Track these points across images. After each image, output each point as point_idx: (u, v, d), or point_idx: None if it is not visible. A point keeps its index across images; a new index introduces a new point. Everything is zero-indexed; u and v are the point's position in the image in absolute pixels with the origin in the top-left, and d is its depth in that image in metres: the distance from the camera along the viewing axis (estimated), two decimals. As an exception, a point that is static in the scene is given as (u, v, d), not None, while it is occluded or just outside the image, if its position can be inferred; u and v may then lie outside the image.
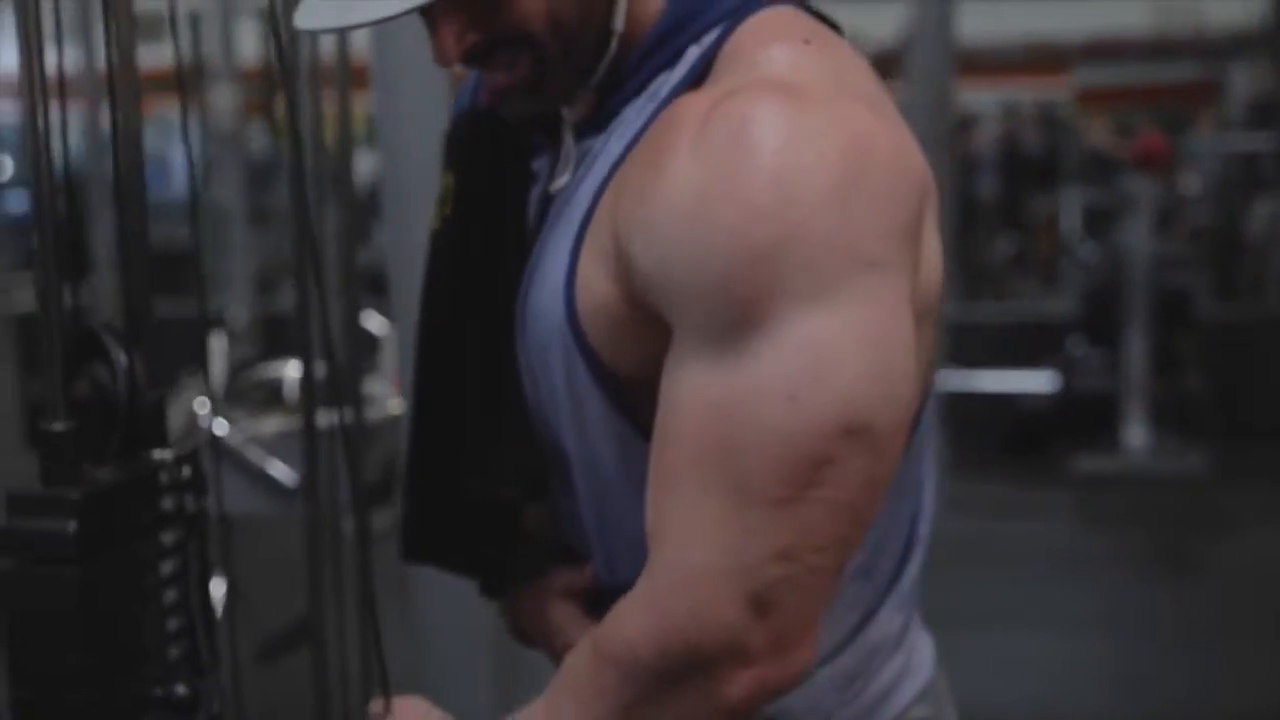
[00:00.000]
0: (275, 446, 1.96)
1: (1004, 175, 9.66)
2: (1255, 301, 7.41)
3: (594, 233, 1.00)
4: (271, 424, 2.12)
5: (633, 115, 1.03)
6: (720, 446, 0.91)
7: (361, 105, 2.67)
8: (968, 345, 6.30)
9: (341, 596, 2.05)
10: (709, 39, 1.02)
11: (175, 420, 2.09)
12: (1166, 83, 11.69)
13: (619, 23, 1.03)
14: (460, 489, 1.13)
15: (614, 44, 1.04)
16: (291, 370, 2.17)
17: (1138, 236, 5.99)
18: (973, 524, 5.34)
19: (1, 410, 4.03)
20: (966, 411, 6.11)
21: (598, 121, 1.06)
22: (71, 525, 1.19)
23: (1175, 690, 3.77)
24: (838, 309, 0.90)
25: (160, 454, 1.30)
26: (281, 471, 1.98)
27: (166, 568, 1.30)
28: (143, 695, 1.30)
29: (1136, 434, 5.95)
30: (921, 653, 1.18)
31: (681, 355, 0.94)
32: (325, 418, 1.94)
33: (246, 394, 2.26)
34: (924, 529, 1.16)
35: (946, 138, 6.54)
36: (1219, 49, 10.51)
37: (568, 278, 1.01)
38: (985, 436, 6.20)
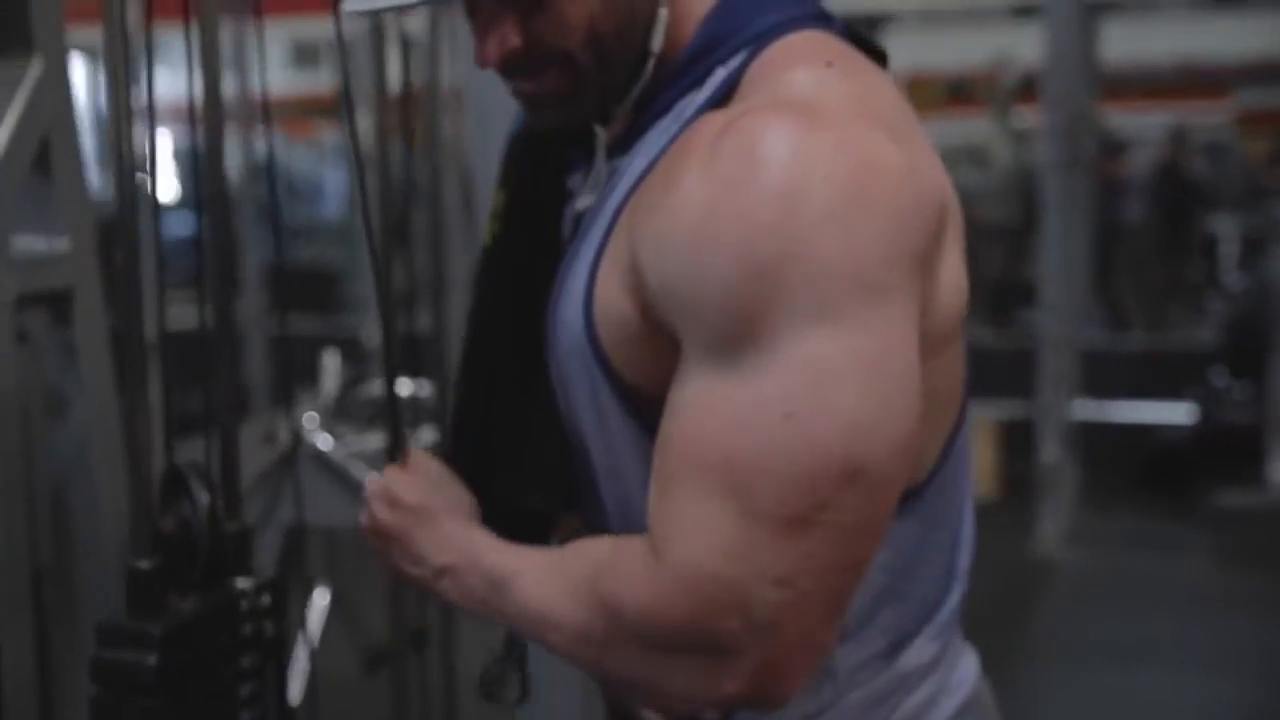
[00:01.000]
0: (378, 461, 2.03)
1: (1159, 201, 9.42)
2: None
3: (612, 247, 1.02)
4: (376, 440, 2.21)
5: (657, 135, 1.05)
6: (721, 456, 0.92)
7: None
8: (1105, 374, 6.17)
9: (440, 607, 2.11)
10: (736, 61, 1.03)
11: (284, 435, 2.19)
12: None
13: (656, 44, 1.06)
14: (491, 496, 1.16)
15: (650, 65, 1.06)
16: (399, 388, 2.26)
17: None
18: (1105, 558, 5.23)
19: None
20: (1101, 442, 5.97)
21: (626, 141, 1.08)
22: (152, 659, 1.27)
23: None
24: (838, 332, 0.90)
25: (242, 583, 1.39)
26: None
27: (245, 690, 1.38)
28: None
29: (1280, 469, 5.77)
30: (961, 670, 1.16)
31: (687, 366, 0.95)
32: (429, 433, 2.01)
33: (357, 411, 2.35)
34: (964, 560, 1.15)
35: (1088, 162, 6.44)
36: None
37: (587, 291, 1.03)
38: (1121, 469, 6.06)
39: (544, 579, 1.04)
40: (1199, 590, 4.93)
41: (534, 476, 1.15)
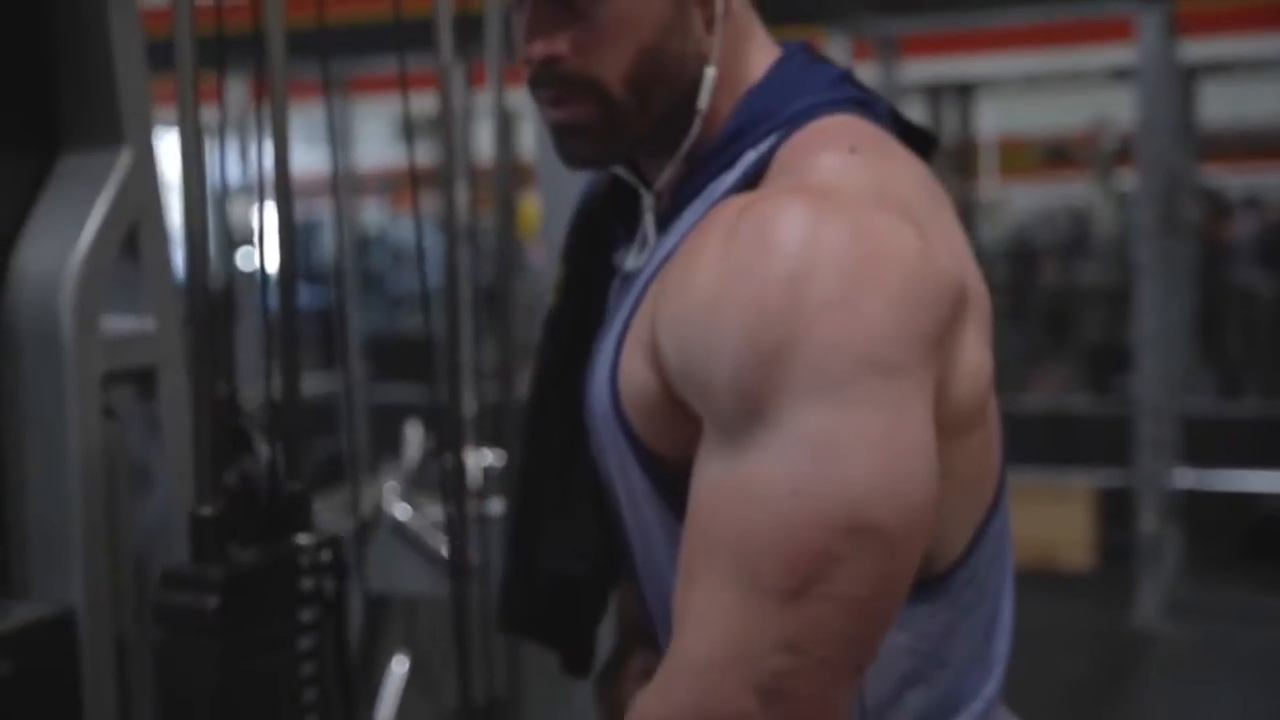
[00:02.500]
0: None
1: (1269, 263, 9.20)
2: None
3: (638, 322, 1.04)
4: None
5: (690, 214, 1.07)
6: (729, 538, 0.93)
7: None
8: (1209, 442, 6.04)
9: (521, 674, 2.14)
10: (766, 145, 1.05)
11: (366, 505, 2.25)
12: None
13: (704, 102, 1.07)
14: (535, 564, 1.18)
15: (698, 123, 1.08)
16: (477, 459, 2.30)
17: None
18: (1207, 630, 5.10)
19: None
20: (1204, 512, 5.84)
21: (665, 218, 1.10)
22: (214, 601, 1.31)
23: None
24: (843, 407, 0.91)
25: (302, 539, 1.42)
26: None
27: (304, 643, 1.40)
28: None
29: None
30: None
31: (704, 448, 0.97)
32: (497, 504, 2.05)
33: (438, 480, 2.40)
34: (1002, 649, 1.13)
35: (1187, 225, 6.36)
36: None
37: (614, 364, 1.05)
38: (1224, 538, 5.91)
39: None
40: (1307, 666, 4.81)
41: (576, 544, 1.17)
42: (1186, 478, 5.75)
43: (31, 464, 1.48)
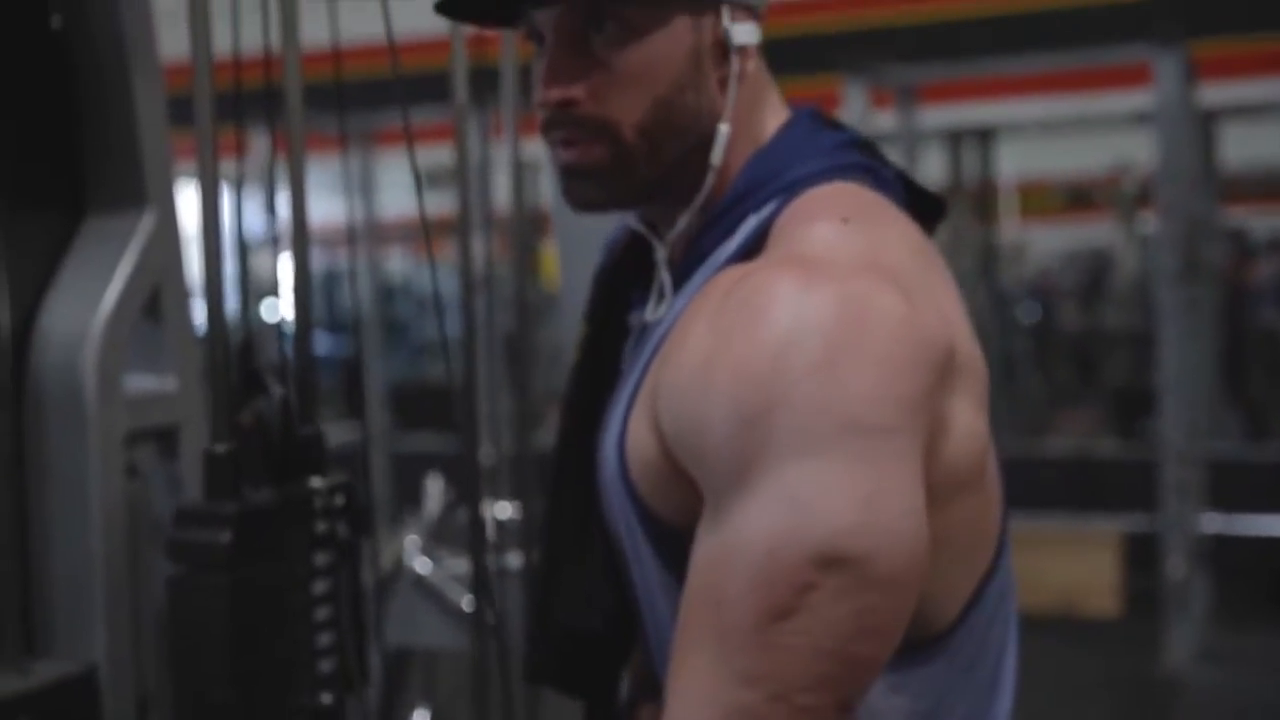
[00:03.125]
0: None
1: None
2: None
3: (643, 391, 1.05)
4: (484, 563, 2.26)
5: (698, 279, 1.08)
6: (710, 602, 0.93)
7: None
8: (1235, 486, 6.01)
9: None
10: (767, 210, 1.06)
11: (388, 559, 2.26)
12: None
13: (717, 157, 1.09)
14: (552, 617, 1.19)
15: (711, 178, 1.09)
16: (498, 511, 2.31)
17: None
18: (1237, 678, 5.05)
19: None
20: (1232, 557, 5.79)
21: (675, 282, 1.11)
22: (226, 536, 1.30)
23: None
24: (827, 466, 0.90)
25: (315, 482, 1.42)
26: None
27: (318, 587, 1.40)
28: (289, 702, 1.39)
29: None
30: None
31: (703, 520, 0.97)
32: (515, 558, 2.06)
33: (459, 534, 2.41)
34: (1004, 707, 1.12)
35: (1209, 269, 6.35)
36: None
37: (621, 429, 1.06)
38: (1252, 584, 5.87)
39: None
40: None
41: (592, 599, 1.18)
42: (1213, 522, 5.70)
43: (55, 522, 1.50)
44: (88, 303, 1.52)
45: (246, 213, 1.63)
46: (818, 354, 0.92)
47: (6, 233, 1.46)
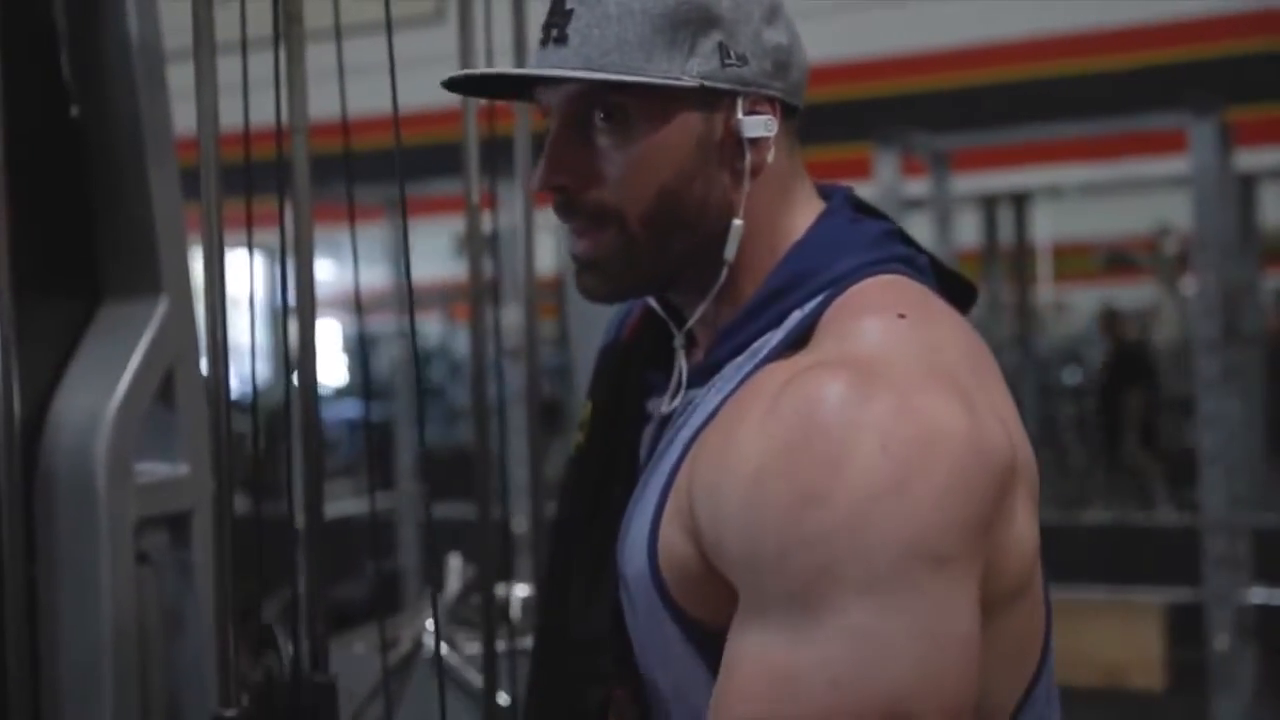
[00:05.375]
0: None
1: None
2: None
3: (677, 488, 1.03)
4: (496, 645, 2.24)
5: (732, 371, 1.06)
6: (765, 716, 0.91)
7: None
8: (1280, 557, 5.92)
9: None
10: (813, 304, 1.04)
11: (407, 639, 2.25)
12: None
13: (730, 252, 1.07)
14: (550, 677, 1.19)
15: (725, 274, 1.08)
16: (518, 591, 2.30)
17: None
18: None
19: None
20: (1279, 630, 5.71)
21: (704, 372, 1.09)
22: None
23: None
24: (890, 600, 0.89)
25: None
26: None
27: None
28: None
29: None
30: None
31: (741, 619, 0.95)
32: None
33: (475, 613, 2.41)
34: None
35: (1250, 334, 6.28)
36: None
37: (652, 529, 1.04)
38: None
39: None
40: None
41: (583, 667, 1.17)
42: (1259, 594, 5.61)
43: (64, 610, 1.50)
44: (101, 390, 1.53)
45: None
46: (882, 476, 0.90)
47: (21, 320, 1.46)
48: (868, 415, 0.91)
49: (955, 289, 1.14)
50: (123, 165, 1.58)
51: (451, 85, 1.12)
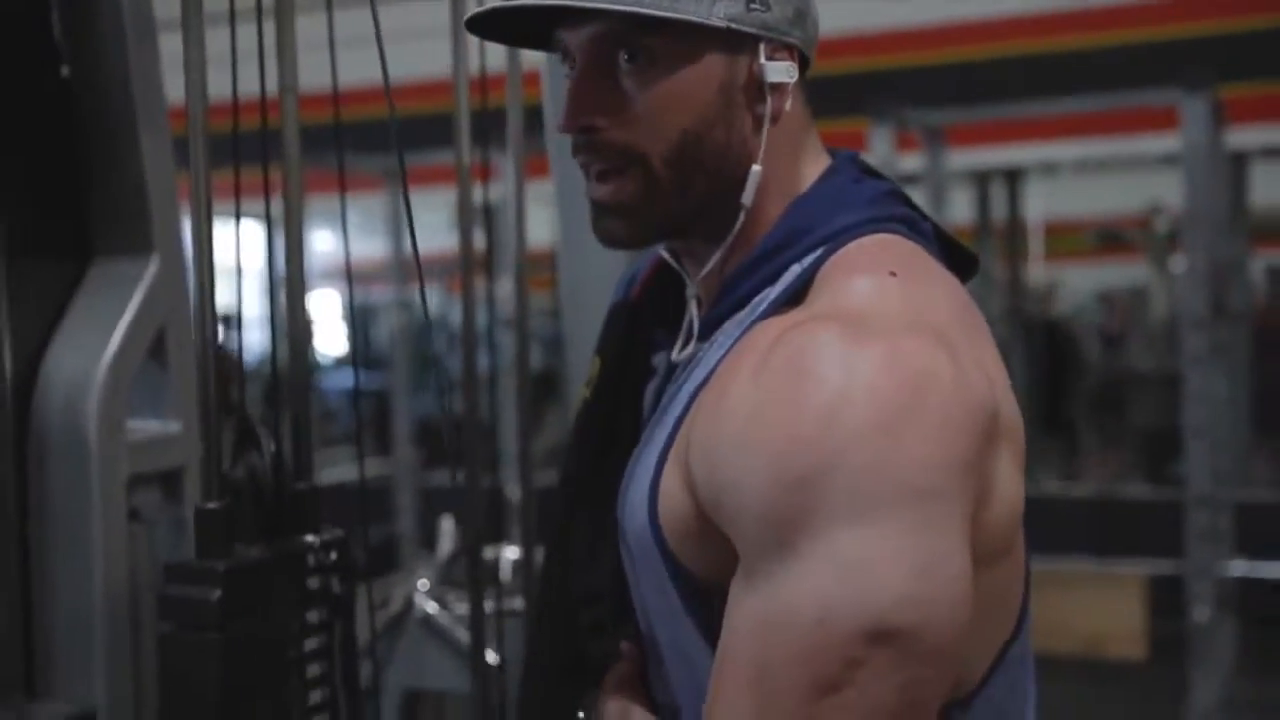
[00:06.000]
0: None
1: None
2: None
3: (678, 442, 1.03)
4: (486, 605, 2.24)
5: (732, 327, 1.06)
6: (753, 666, 0.92)
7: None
8: (1265, 530, 5.93)
9: None
10: (810, 259, 1.04)
11: (398, 599, 2.25)
12: None
13: (748, 197, 1.07)
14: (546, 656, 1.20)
15: (742, 218, 1.08)
16: (508, 553, 2.30)
17: None
18: (1267, 726, 4.99)
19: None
20: (1260, 602, 5.73)
21: (708, 325, 1.10)
22: (216, 594, 1.29)
23: None
24: (876, 528, 0.89)
25: (309, 538, 1.41)
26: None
27: (311, 643, 1.38)
28: None
29: None
30: None
31: (739, 577, 0.95)
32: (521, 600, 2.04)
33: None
34: None
35: (1237, 310, 6.29)
36: None
37: (653, 484, 1.04)
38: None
39: None
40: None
41: (600, 647, 1.18)
42: (1240, 567, 5.63)
43: (56, 566, 1.50)
44: (92, 348, 1.52)
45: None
46: (870, 416, 0.91)
47: (11, 279, 1.46)
48: (856, 362, 0.92)
49: (957, 257, 1.14)
50: (114, 125, 1.57)
51: (472, 25, 1.11)
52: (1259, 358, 7.53)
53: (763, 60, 1.06)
